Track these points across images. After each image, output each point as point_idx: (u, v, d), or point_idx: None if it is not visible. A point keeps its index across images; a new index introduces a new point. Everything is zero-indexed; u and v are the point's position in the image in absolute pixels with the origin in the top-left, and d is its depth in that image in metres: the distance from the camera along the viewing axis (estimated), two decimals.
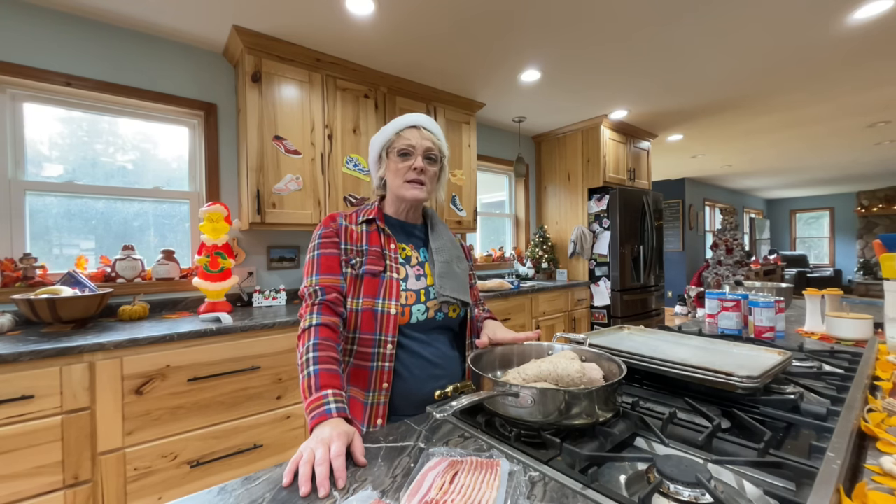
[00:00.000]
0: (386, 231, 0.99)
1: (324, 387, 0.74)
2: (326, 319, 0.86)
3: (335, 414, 0.70)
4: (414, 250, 1.02)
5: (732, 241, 5.14)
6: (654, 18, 2.11)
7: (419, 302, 0.94)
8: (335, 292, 0.90)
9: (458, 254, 1.06)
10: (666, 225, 7.18)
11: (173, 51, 2.18)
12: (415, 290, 0.95)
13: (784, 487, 0.52)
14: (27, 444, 1.31)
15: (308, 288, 0.90)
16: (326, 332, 0.84)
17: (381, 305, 0.90)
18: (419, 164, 0.95)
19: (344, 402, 0.74)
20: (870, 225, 8.72)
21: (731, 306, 1.40)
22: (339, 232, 0.96)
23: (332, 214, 0.99)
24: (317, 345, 0.81)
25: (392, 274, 0.93)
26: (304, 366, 0.79)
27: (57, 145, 1.97)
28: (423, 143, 0.96)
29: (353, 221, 0.99)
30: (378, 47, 2.30)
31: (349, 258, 0.94)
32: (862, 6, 2.04)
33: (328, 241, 0.94)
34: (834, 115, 3.76)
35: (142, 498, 1.51)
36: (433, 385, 0.93)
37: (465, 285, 1.01)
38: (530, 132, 4.08)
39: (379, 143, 1.00)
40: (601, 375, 0.74)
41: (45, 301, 1.55)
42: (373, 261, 0.93)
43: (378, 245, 0.96)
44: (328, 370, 0.78)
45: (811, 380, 0.90)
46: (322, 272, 0.91)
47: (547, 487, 0.53)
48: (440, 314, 0.97)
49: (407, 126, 0.98)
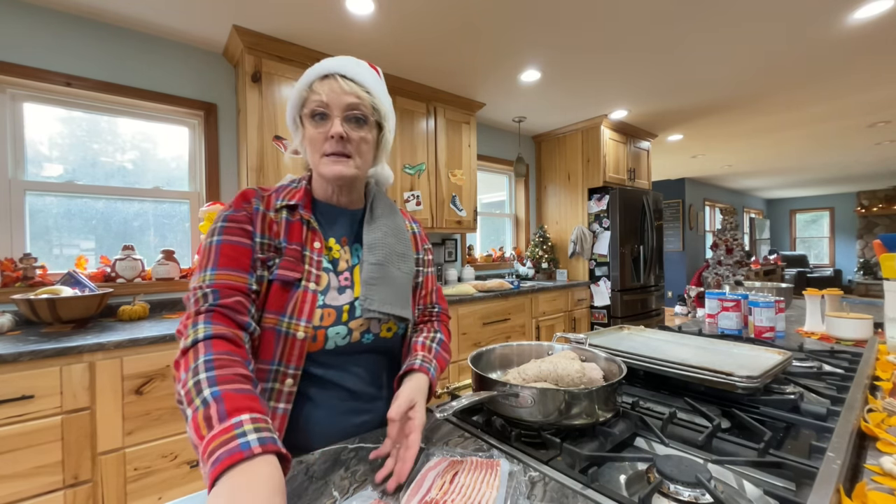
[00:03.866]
0: (311, 223, 0.73)
1: (233, 412, 0.46)
2: (221, 330, 0.57)
3: (257, 448, 0.43)
4: (345, 249, 0.77)
5: (732, 241, 5.14)
6: (654, 18, 2.11)
7: (339, 322, 0.70)
8: (238, 294, 0.62)
9: (402, 249, 0.80)
10: (666, 225, 7.18)
11: (173, 51, 2.18)
12: (335, 307, 0.71)
13: (784, 487, 0.52)
14: (27, 444, 1.31)
15: (195, 292, 0.61)
16: (225, 346, 0.56)
17: (286, 325, 0.66)
18: (337, 129, 0.68)
19: (270, 429, 0.47)
20: (870, 225, 8.72)
21: (731, 306, 1.40)
22: (254, 218, 0.69)
23: (246, 192, 0.71)
24: (211, 361, 0.52)
25: (308, 284, 0.69)
26: (193, 394, 0.49)
27: (57, 145, 1.96)
28: (342, 98, 0.69)
29: (269, 206, 0.72)
30: (378, 47, 2.30)
31: (267, 257, 0.68)
32: (862, 6, 2.04)
33: (236, 228, 0.67)
34: (834, 115, 3.76)
35: (142, 498, 1.51)
36: (349, 421, 0.73)
37: (404, 293, 0.77)
38: (530, 132, 4.08)
39: (291, 102, 0.75)
40: (601, 375, 0.74)
41: (45, 301, 1.55)
42: (289, 264, 0.68)
43: (299, 242, 0.71)
44: (238, 390, 0.50)
45: (811, 380, 0.90)
46: (222, 265, 0.63)
47: (547, 487, 0.53)
48: (368, 336, 0.74)
49: (319, 76, 0.71)
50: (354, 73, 0.72)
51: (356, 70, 0.73)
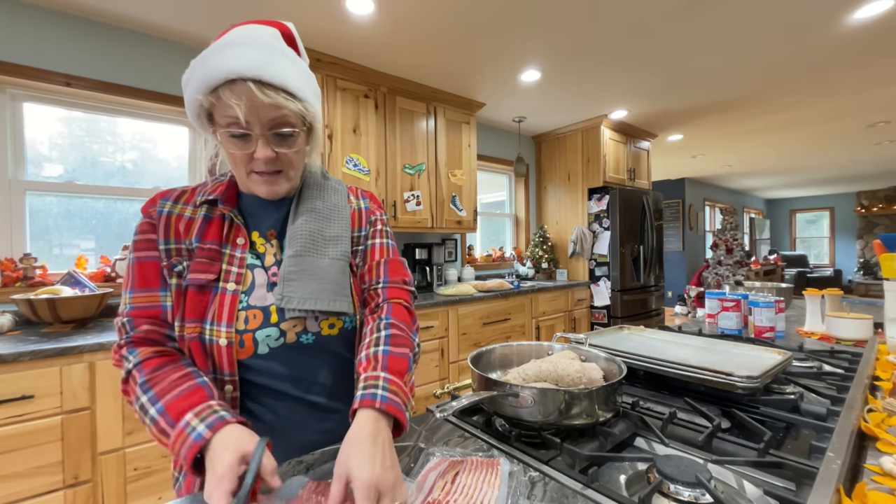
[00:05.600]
0: (235, 219, 0.67)
1: (178, 417, 0.52)
2: (146, 353, 0.59)
3: (207, 434, 0.50)
4: (273, 243, 0.70)
5: (732, 241, 5.14)
6: (654, 18, 2.11)
7: (268, 324, 0.64)
8: (150, 322, 0.61)
9: (335, 232, 0.71)
10: (666, 225, 7.17)
11: (173, 51, 2.18)
12: (262, 308, 0.64)
13: (784, 487, 0.52)
14: (27, 444, 1.31)
15: (117, 321, 0.62)
16: (153, 363, 0.58)
17: (207, 332, 0.61)
18: (264, 153, 0.60)
19: (216, 410, 0.53)
20: (870, 225, 8.72)
21: (731, 306, 1.40)
22: (157, 224, 0.64)
23: (154, 196, 0.67)
24: (146, 383, 0.56)
25: (227, 285, 0.63)
26: (142, 415, 0.55)
27: (57, 145, 1.96)
28: (263, 114, 0.58)
29: (188, 202, 0.67)
30: (378, 47, 2.30)
31: (172, 263, 0.63)
32: (862, 6, 2.04)
33: (143, 241, 0.64)
34: (834, 115, 3.76)
35: (142, 498, 1.51)
36: (315, 427, 0.68)
37: (335, 283, 0.68)
38: (530, 132, 4.08)
39: (189, 104, 0.63)
40: (601, 375, 0.74)
41: (45, 301, 1.55)
42: (201, 266, 0.63)
43: (217, 240, 0.65)
44: (175, 396, 0.54)
45: (811, 380, 0.90)
46: (137, 286, 0.62)
47: (547, 487, 0.53)
48: (307, 336, 0.67)
49: (224, 80, 0.57)
50: (272, 74, 0.57)
51: (273, 69, 0.58)
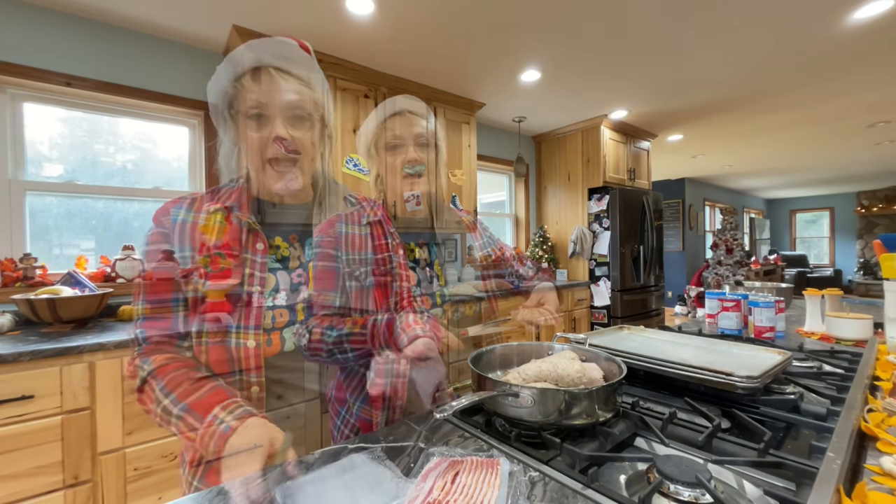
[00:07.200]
0: (252, 225, 0.69)
1: (205, 412, 0.54)
2: (159, 361, 0.61)
3: (235, 424, 0.52)
4: (296, 246, 0.73)
5: (732, 241, 5.14)
6: (654, 18, 2.11)
7: (294, 322, 0.67)
8: (162, 332, 0.64)
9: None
10: (666, 225, 7.17)
11: (173, 51, 2.18)
12: (288, 307, 0.68)
13: (784, 487, 0.52)
14: (27, 444, 1.31)
15: (131, 333, 0.64)
16: (168, 369, 0.60)
17: (234, 336, 0.63)
18: (280, 131, 0.69)
19: (241, 404, 0.56)
20: (870, 225, 8.72)
21: (731, 306, 1.40)
22: (171, 233, 0.66)
23: (165, 205, 0.68)
24: (164, 387, 0.57)
25: (251, 288, 0.66)
26: (167, 416, 0.56)
27: (57, 145, 1.96)
28: (281, 97, 0.70)
29: (200, 209, 0.69)
30: (378, 47, 2.30)
31: (189, 270, 0.66)
32: (862, 6, 2.04)
33: (154, 251, 0.66)
34: (834, 115, 3.76)
35: (142, 498, 1.51)
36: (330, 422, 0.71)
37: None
38: (530, 132, 4.07)
39: (214, 95, 0.75)
40: (601, 375, 0.74)
41: (45, 301, 1.55)
42: (222, 271, 0.65)
43: (235, 246, 0.68)
44: (200, 396, 0.56)
45: (811, 380, 0.90)
46: (149, 297, 0.64)
47: (547, 487, 0.53)
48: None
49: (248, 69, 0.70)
50: (290, 65, 0.67)
51: (291, 61, 0.66)
